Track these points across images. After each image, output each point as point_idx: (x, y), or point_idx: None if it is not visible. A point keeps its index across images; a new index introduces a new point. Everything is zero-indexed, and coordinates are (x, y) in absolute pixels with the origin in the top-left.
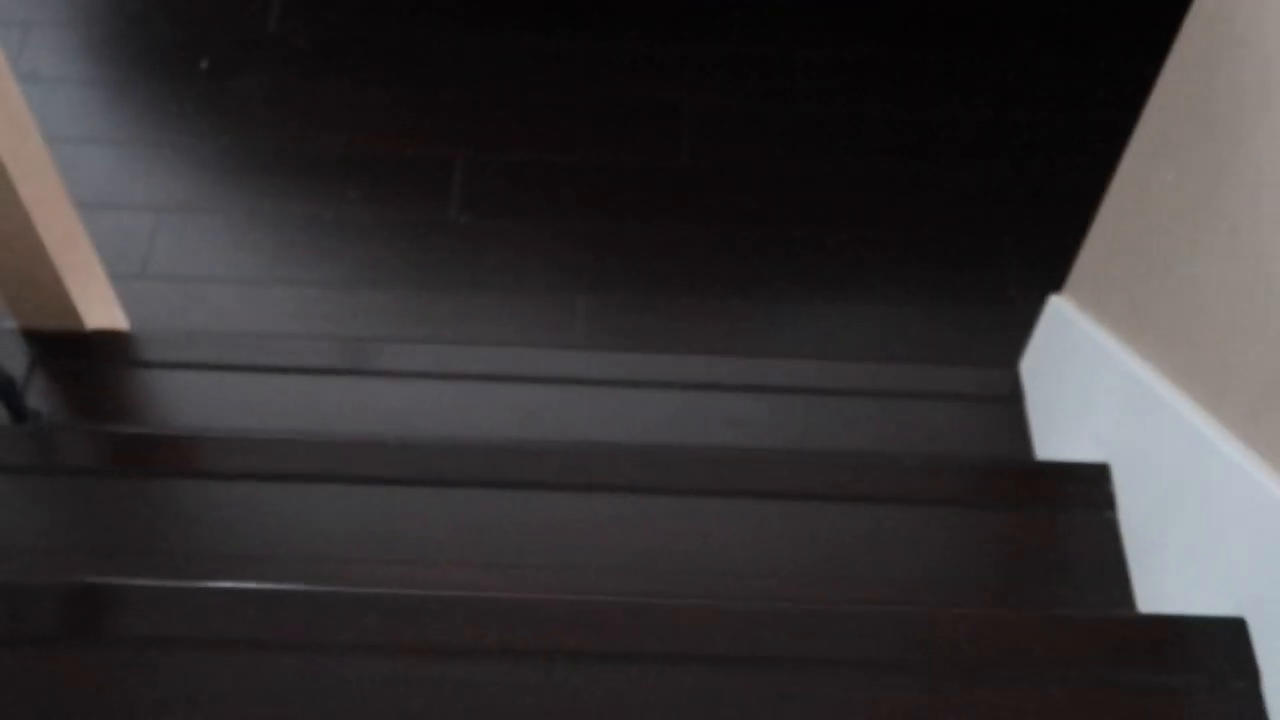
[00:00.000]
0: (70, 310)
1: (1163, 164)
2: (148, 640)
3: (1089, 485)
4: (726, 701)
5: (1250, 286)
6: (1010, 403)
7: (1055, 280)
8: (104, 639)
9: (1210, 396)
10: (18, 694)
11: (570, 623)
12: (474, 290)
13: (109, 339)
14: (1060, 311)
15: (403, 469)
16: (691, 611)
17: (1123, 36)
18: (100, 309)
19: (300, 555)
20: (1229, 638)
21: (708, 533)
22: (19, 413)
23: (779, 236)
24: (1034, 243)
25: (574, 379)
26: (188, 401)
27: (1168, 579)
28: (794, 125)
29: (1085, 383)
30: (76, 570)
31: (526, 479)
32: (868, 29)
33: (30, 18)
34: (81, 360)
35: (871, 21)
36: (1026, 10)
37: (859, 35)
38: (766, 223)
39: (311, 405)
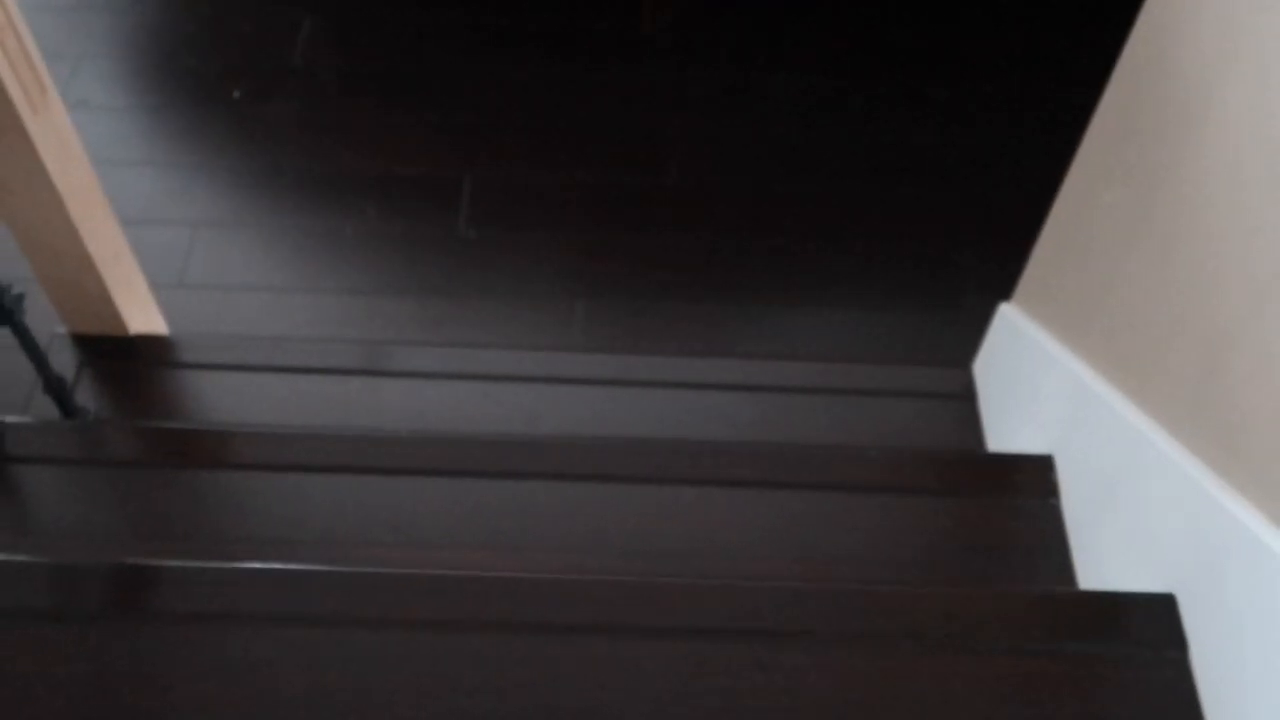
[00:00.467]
0: (115, 316)
1: (1102, 184)
2: (183, 615)
3: (1035, 475)
4: (709, 670)
5: (1181, 297)
6: (964, 400)
7: (1005, 290)
8: (144, 615)
9: (1144, 395)
10: (68, 664)
11: (567, 599)
12: (481, 297)
13: (150, 342)
14: (1009, 318)
15: (414, 461)
16: (678, 588)
17: (1068, 66)
18: (142, 315)
19: (321, 538)
20: (1161, 612)
21: (693, 517)
22: (68, 409)
23: (758, 249)
24: (986, 256)
25: (572, 379)
26: (220, 399)
27: (1106, 560)
28: (771, 148)
29: (1031, 382)
30: (119, 552)
31: (528, 470)
32: (838, 62)
33: (80, 51)
34: (125, 362)
35: (840, 55)
36: (985, 42)
37: (830, 67)
38: (746, 236)
39: (332, 402)
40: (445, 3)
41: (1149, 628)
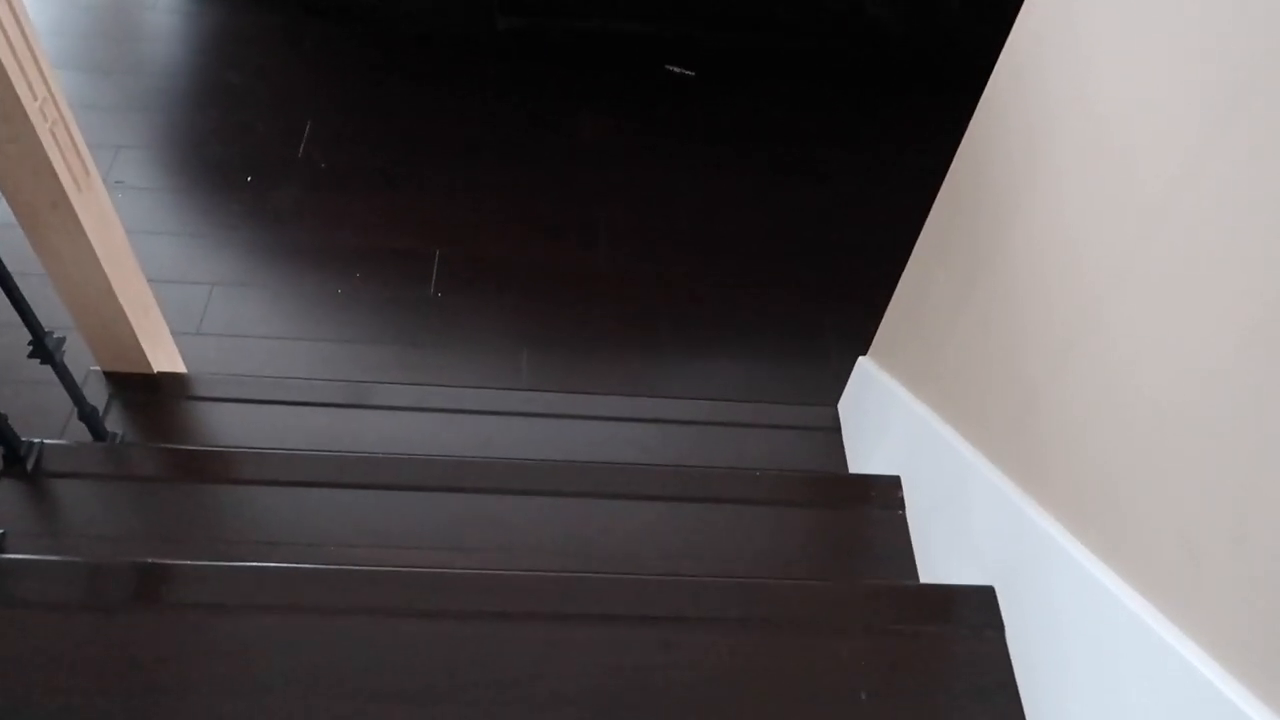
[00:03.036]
0: (142, 358)
1: (935, 265)
2: (197, 606)
3: (886, 492)
4: (625, 649)
5: (995, 358)
6: (831, 432)
7: (861, 346)
8: (163, 606)
9: (969, 431)
10: (97, 650)
11: (509, 591)
12: (446, 347)
13: (171, 379)
14: (865, 368)
15: (389, 477)
16: (601, 583)
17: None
18: (165, 357)
19: (312, 541)
20: (982, 600)
21: (615, 525)
22: (99, 433)
23: (667, 313)
24: (847, 320)
25: (519, 412)
26: (229, 427)
27: (940, 559)
28: (678, 235)
29: (883, 418)
30: (141, 553)
31: (481, 485)
32: (730, 166)
33: (121, 142)
34: (149, 395)
35: (731, 161)
36: (847, 147)
37: (727, 170)
38: (658, 303)
39: (322, 430)
40: (417, 119)
41: (974, 613)
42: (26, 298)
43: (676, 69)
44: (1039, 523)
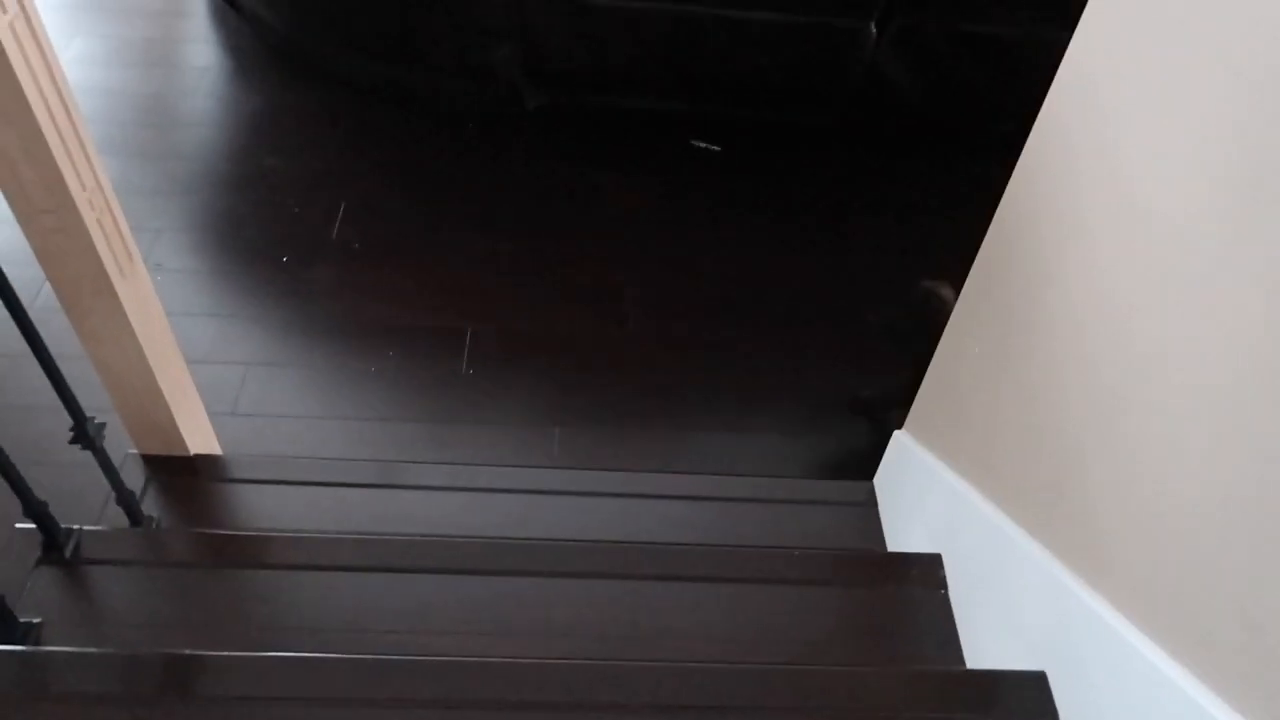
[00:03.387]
0: (178, 439)
1: (970, 339)
2: (230, 699)
3: (927, 570)
4: None
5: (1034, 430)
6: (868, 507)
7: (895, 418)
8: (197, 698)
9: (1009, 504)
10: None
11: (547, 681)
12: (477, 424)
13: (206, 461)
14: (902, 442)
15: (422, 560)
16: (641, 670)
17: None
18: (200, 438)
19: (345, 627)
20: (1034, 687)
21: (652, 606)
22: (136, 518)
23: (697, 385)
24: (880, 392)
25: (552, 490)
26: (264, 508)
27: (987, 642)
28: (707, 307)
29: (921, 493)
30: (177, 641)
31: (517, 568)
32: (756, 238)
33: (160, 225)
34: (185, 477)
35: (758, 233)
36: (873, 217)
37: (754, 241)
38: (688, 376)
39: (355, 511)
40: (449, 194)
41: (1026, 701)
42: (67, 380)
43: (702, 144)
44: (1090, 603)
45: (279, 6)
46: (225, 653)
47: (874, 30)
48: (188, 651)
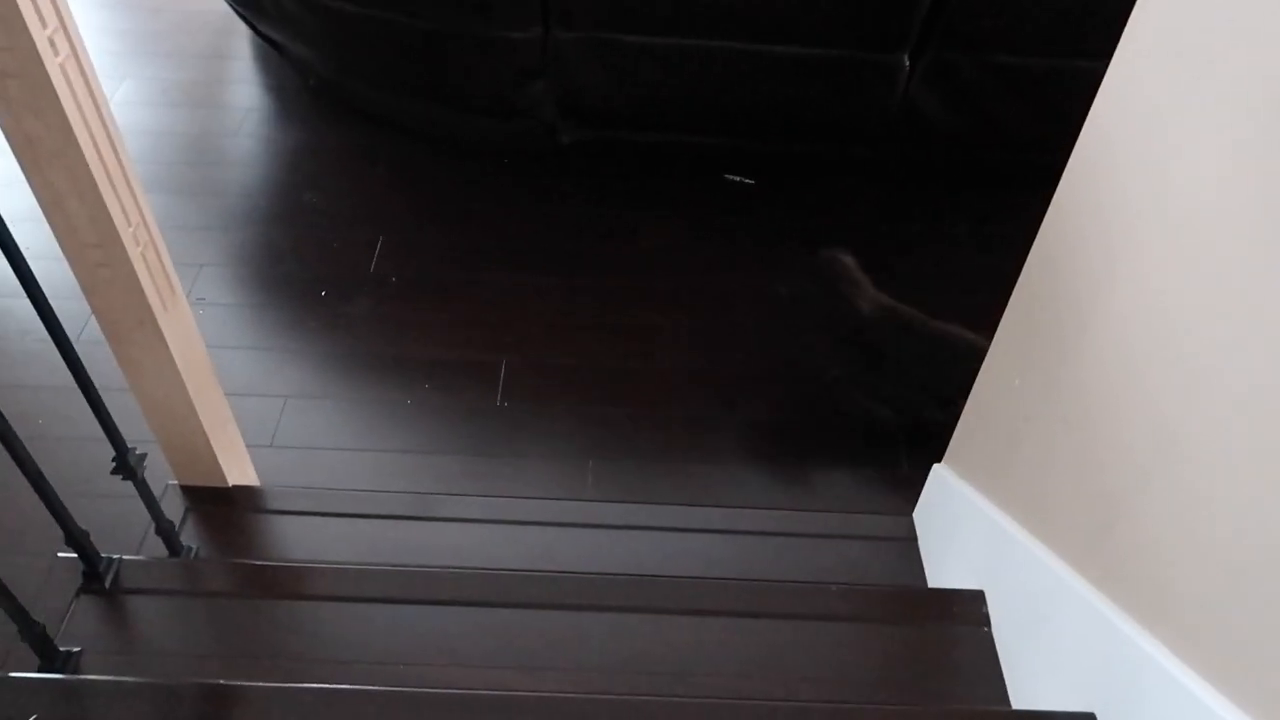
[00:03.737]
0: (217, 471)
1: (1011, 371)
2: None
3: (969, 607)
4: None
5: (1078, 463)
6: (908, 542)
7: (934, 451)
8: None
9: (1054, 539)
10: None
11: (578, 717)
12: (513, 457)
13: (245, 492)
14: (941, 476)
15: (457, 593)
16: (671, 707)
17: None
18: (239, 470)
19: (379, 659)
20: None
21: (686, 642)
22: (175, 549)
23: (731, 418)
24: (918, 425)
25: (586, 524)
26: (301, 540)
27: (1033, 681)
28: (741, 340)
29: (962, 528)
30: (214, 671)
31: (552, 602)
32: (791, 270)
33: (202, 261)
34: (224, 508)
35: (792, 265)
36: (908, 250)
37: (789, 274)
38: (722, 408)
39: (390, 543)
40: (485, 230)
41: None
42: (110, 412)
43: (736, 178)
44: (1141, 643)
45: (320, 48)
46: (259, 683)
47: (907, 63)
48: (222, 682)
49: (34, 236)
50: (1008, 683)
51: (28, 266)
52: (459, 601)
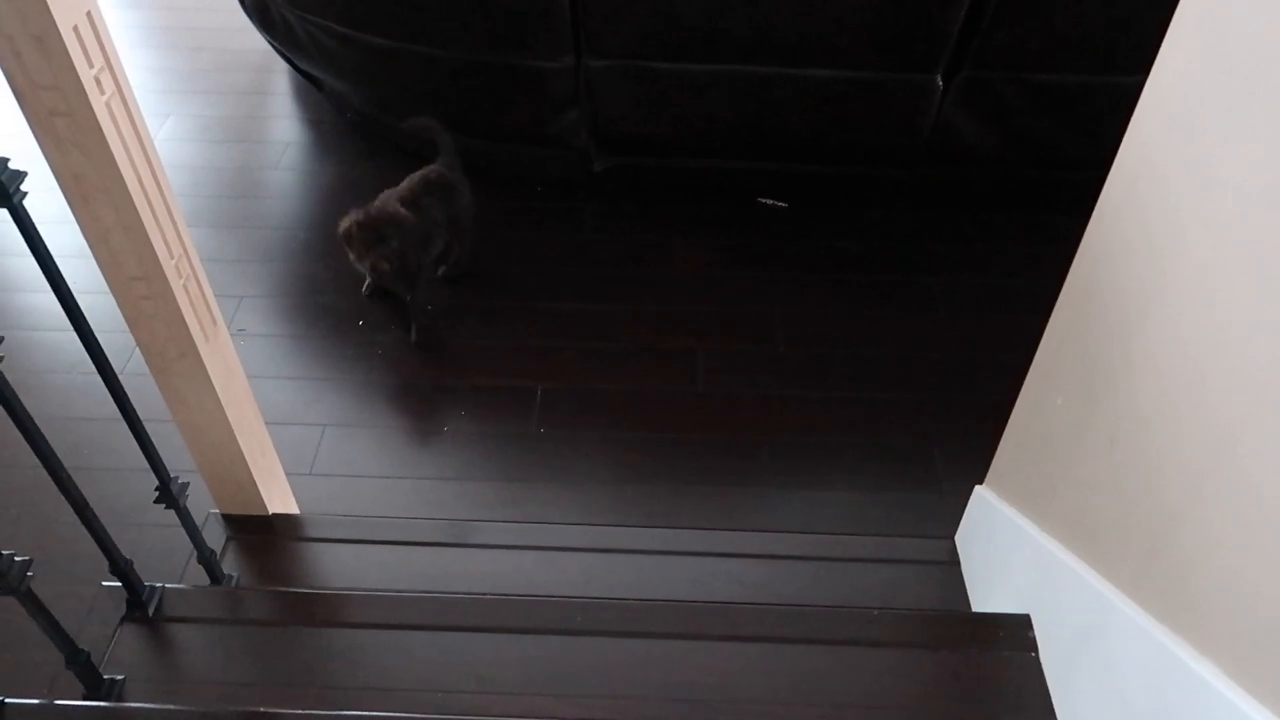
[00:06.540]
0: (257, 499)
1: (1053, 389)
2: None
3: (1015, 632)
4: None
5: (1126, 481)
6: (950, 566)
7: (975, 473)
8: None
9: (1102, 564)
10: None
11: None
12: (549, 483)
13: (284, 520)
14: (984, 497)
15: (494, 620)
16: None
17: (1026, 294)
18: (279, 498)
19: (418, 687)
20: None
21: (724, 668)
22: (217, 577)
23: (769, 442)
24: (957, 447)
25: (622, 549)
26: (340, 567)
27: (1083, 707)
28: (777, 364)
29: (1006, 551)
30: (254, 700)
31: (587, 628)
32: (826, 293)
33: (243, 292)
34: (264, 536)
35: (828, 288)
36: (944, 271)
37: (824, 297)
38: (759, 433)
39: (429, 569)
40: (519, 257)
41: None
42: (154, 442)
43: (769, 201)
44: (1193, 666)
45: (357, 83)
46: (300, 711)
47: (940, 83)
48: (263, 709)
49: (80, 273)
50: (1057, 708)
51: (75, 302)
52: (497, 628)
